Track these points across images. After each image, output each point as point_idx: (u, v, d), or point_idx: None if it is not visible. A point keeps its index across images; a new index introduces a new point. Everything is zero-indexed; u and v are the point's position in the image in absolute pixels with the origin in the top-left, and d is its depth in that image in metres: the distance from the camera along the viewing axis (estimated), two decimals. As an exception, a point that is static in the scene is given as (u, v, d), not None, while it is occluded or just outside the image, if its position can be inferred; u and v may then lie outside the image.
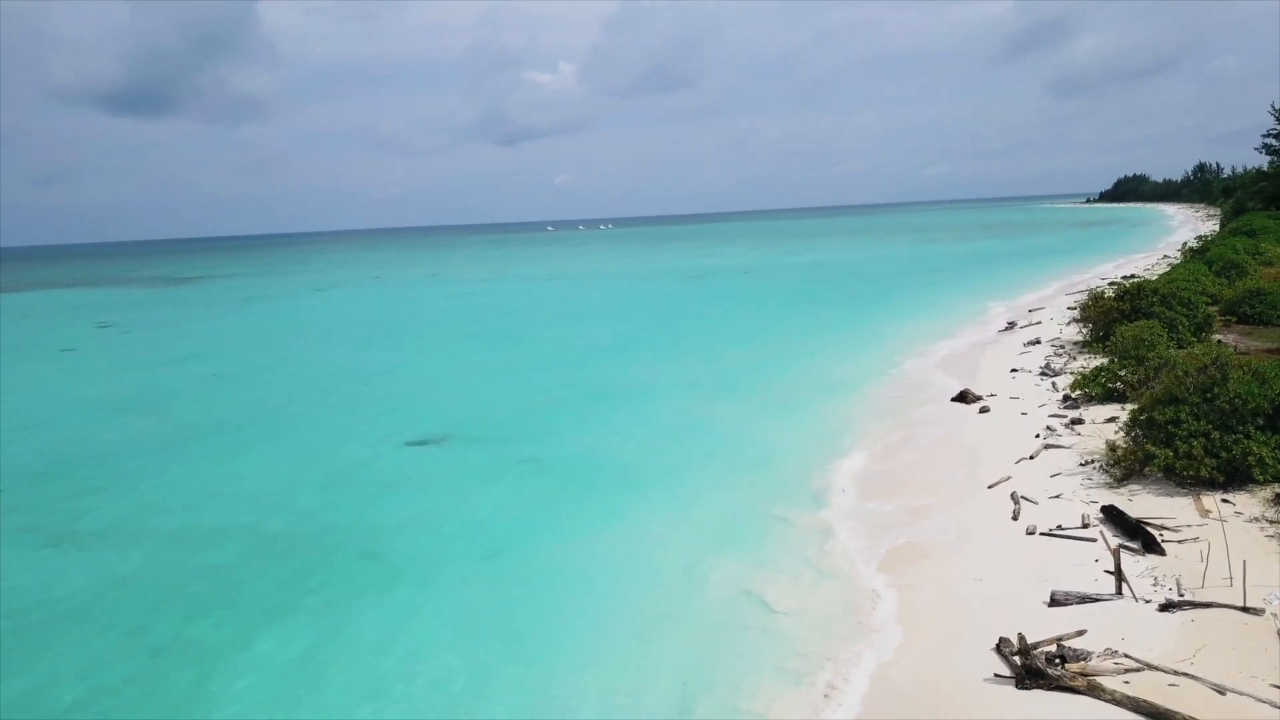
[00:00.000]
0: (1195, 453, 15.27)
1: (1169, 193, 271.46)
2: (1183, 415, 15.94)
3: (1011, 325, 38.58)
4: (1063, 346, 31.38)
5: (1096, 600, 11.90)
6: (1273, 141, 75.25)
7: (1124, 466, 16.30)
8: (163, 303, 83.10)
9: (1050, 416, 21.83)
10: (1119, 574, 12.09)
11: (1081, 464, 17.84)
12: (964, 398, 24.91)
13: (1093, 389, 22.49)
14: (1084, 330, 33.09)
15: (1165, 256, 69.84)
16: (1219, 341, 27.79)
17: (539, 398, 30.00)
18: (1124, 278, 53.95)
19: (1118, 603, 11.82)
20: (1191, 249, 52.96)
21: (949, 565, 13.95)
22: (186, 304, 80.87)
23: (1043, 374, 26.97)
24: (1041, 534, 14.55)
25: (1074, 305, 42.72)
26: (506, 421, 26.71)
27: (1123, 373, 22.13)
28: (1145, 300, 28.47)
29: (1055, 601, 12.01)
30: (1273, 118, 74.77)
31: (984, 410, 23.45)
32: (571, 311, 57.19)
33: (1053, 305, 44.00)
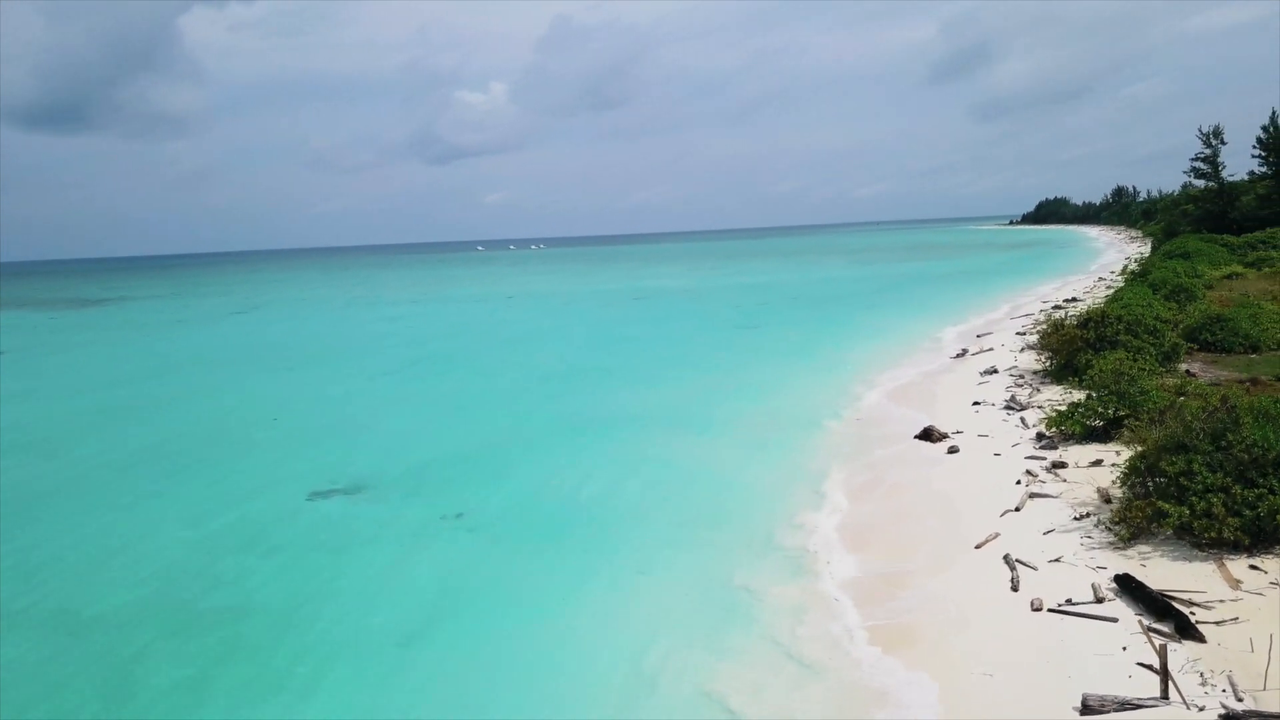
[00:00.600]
0: (1215, 511, 13.41)
1: (1089, 215, 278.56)
2: (1195, 466, 14.09)
3: (963, 353, 37.08)
4: (1022, 376, 29.82)
5: (1139, 707, 9.83)
6: (1201, 165, 76.00)
7: (1130, 525, 14.38)
8: (66, 327, 78.13)
9: (1027, 458, 20.00)
10: (1165, 673, 10.04)
11: (1076, 518, 15.92)
12: (929, 435, 23.01)
13: (1070, 427, 20.73)
14: (1043, 359, 31.64)
15: (1100, 279, 69.87)
16: (1186, 372, 26.50)
17: (470, 436, 27.39)
18: (1065, 300, 53.36)
19: (1165, 711, 9.78)
20: (1132, 272, 52.41)
21: (950, 653, 11.80)
22: (92, 328, 76.12)
23: (1008, 408, 25.26)
24: (1051, 610, 12.51)
25: (1023, 330, 41.57)
26: (433, 465, 24.04)
27: (1103, 409, 20.41)
28: (1110, 328, 27.01)
29: (1089, 709, 9.90)
30: (1200, 141, 75.52)
31: (953, 450, 21.55)
32: (507, 337, 54.50)
33: (1001, 331, 42.75)
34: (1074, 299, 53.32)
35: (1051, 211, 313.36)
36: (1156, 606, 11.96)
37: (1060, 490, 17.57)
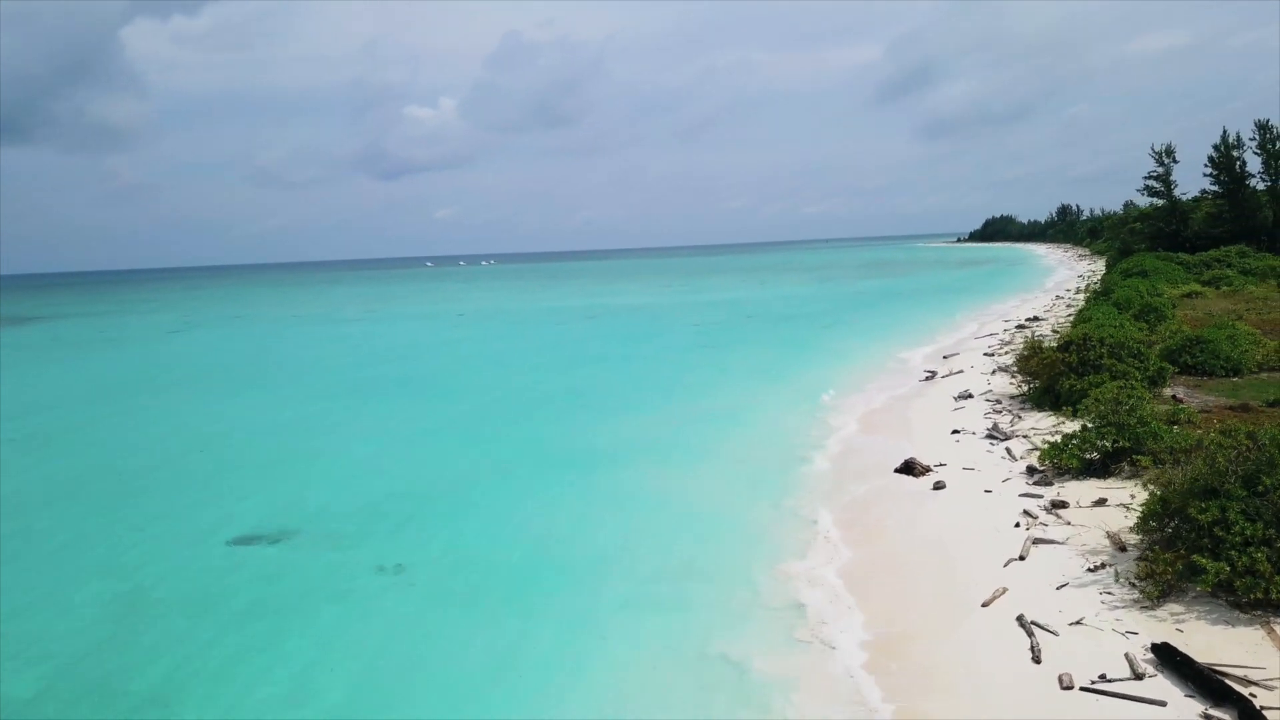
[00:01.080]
0: (1260, 568, 11.87)
1: (1035, 233, 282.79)
2: (1232, 515, 12.55)
3: (932, 375, 35.72)
4: (999, 402, 28.43)
5: (1220, 828, 8.15)
6: (1153, 183, 76.18)
7: (1159, 581, 12.78)
8: (-11, 347, 74.13)
9: (1022, 496, 18.45)
10: (1247, 785, 8.37)
11: (1090, 569, 14.32)
12: (911, 469, 21.41)
13: (1066, 460, 19.22)
14: (1018, 382, 30.33)
15: (1058, 297, 69.52)
16: (1173, 397, 25.29)
17: (414, 471, 25.25)
18: (1028, 319, 52.53)
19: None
20: (1095, 290, 51.71)
21: (975, 747, 10.06)
22: (16, 348, 72.18)
23: (991, 437, 23.77)
24: (1084, 689, 10.82)
25: (991, 351, 40.42)
26: (374, 505, 21.87)
27: (1101, 442, 18.94)
28: (1092, 352, 25.70)
29: (1158, 829, 8.20)
30: (1152, 159, 75.71)
31: (938, 486, 19.94)
32: (458, 358, 52.21)
33: (968, 352, 41.53)
34: (1036, 318, 52.53)
35: (998, 229, 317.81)
36: (1209, 686, 10.31)
37: (1066, 535, 15.98)
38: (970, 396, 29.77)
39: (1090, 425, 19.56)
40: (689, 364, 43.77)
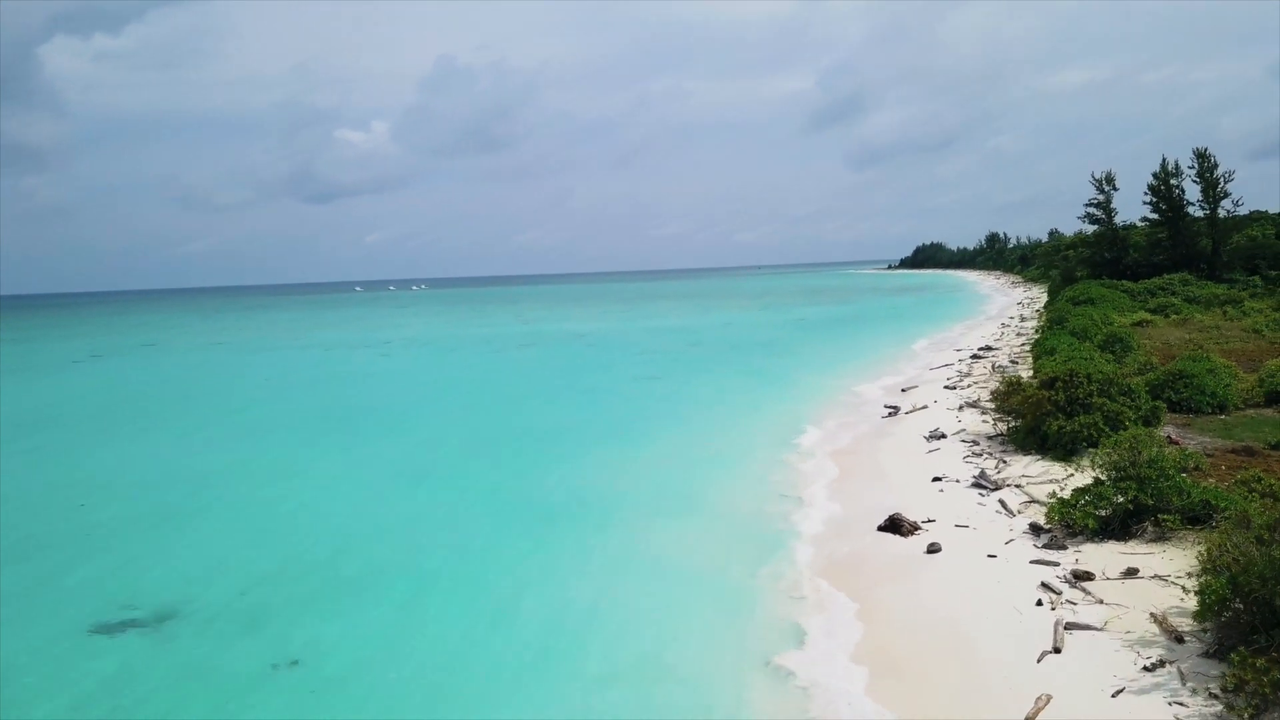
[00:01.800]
0: (1392, 683, 9.38)
1: (965, 260, 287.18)
2: (1339, 610, 10.08)
3: (895, 411, 33.41)
4: (977, 443, 26.12)
5: None
6: (1094, 210, 75.91)
7: (1254, 695, 10.23)
8: None
9: (1034, 564, 15.93)
10: None
11: (1146, 667, 11.76)
12: (897, 527, 18.82)
13: (1078, 519, 16.79)
14: (993, 420, 28.15)
15: (1004, 325, 68.48)
16: (1168, 438, 23.18)
17: (331, 529, 21.94)
18: (981, 349, 50.87)
19: None
20: (1050, 319, 50.30)
21: None
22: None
23: (979, 486, 21.32)
24: None
25: (951, 384, 38.34)
26: (275, 575, 18.55)
27: (1120, 498, 16.54)
28: (1080, 389, 23.51)
29: None
30: (1093, 187, 75.49)
31: (933, 549, 17.34)
32: (383, 393, 48.59)
33: (927, 385, 39.42)
34: (989, 347, 50.94)
35: (929, 256, 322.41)
36: None
37: (1102, 617, 13.44)
38: (943, 436, 27.42)
39: (1104, 478, 17.17)
40: (639, 398, 40.96)
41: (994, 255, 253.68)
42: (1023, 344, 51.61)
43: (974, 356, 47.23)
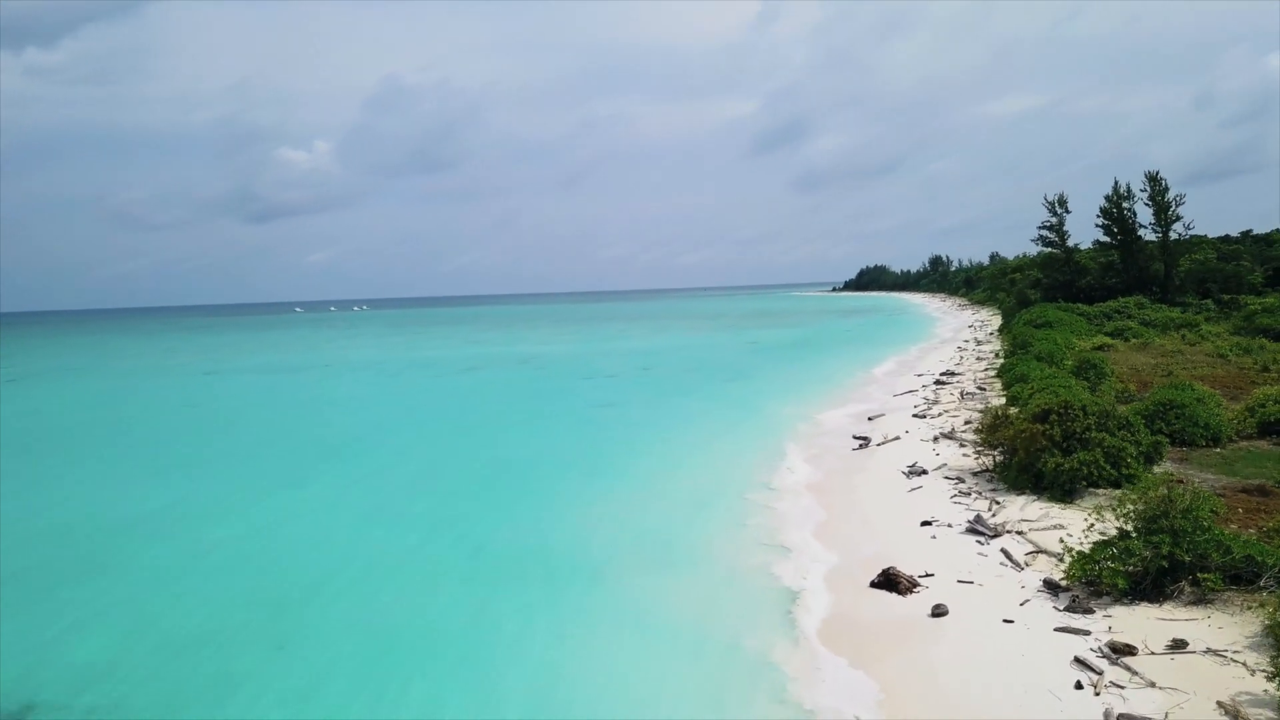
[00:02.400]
0: None
1: (908, 283, 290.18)
2: None
3: (865, 442, 31.46)
4: (961, 480, 24.17)
5: None
6: (1047, 233, 75.49)
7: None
8: None
9: (1059, 631, 13.87)
10: None
11: (1232, 778, 9.70)
12: (893, 583, 16.69)
13: (1105, 578, 14.79)
14: (975, 454, 26.32)
15: (960, 348, 67.38)
16: (1170, 476, 21.48)
17: (251, 590, 19.15)
18: (944, 374, 49.37)
19: None
20: (1012, 344, 48.99)
21: None
22: None
23: (975, 532, 19.31)
24: None
25: (920, 413, 36.55)
26: (167, 654, 15.80)
27: (1152, 555, 14.57)
28: (1077, 422, 21.69)
29: None
30: (1045, 209, 75.09)
31: (939, 612, 15.20)
32: (318, 423, 45.47)
33: (895, 413, 37.61)
34: (951, 372, 49.46)
35: (873, 279, 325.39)
36: None
37: (1160, 707, 11.37)
38: (924, 472, 25.45)
39: (1131, 529, 15.21)
40: (596, 428, 38.52)
41: (938, 278, 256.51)
42: (985, 369, 50.29)
43: (938, 382, 45.67)
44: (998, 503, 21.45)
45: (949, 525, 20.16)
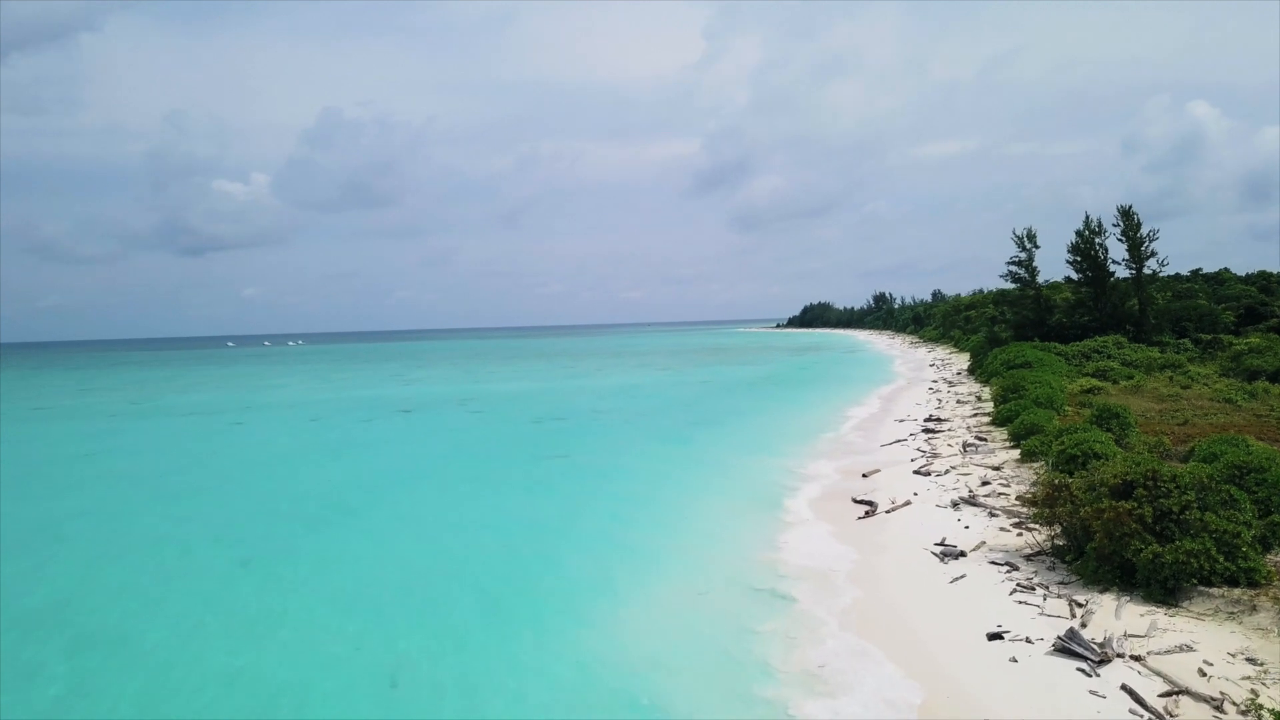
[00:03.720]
0: None
1: (852, 320, 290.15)
2: None
3: (871, 509, 26.60)
4: (1014, 567, 19.33)
5: None
6: (1016, 269, 72.30)
7: None
8: None
9: None
10: None
11: None
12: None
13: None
14: (1017, 529, 21.60)
15: (932, 389, 63.37)
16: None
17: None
18: (928, 420, 45.01)
19: None
20: (1003, 388, 44.80)
21: None
22: None
23: (1070, 652, 14.43)
24: None
25: (924, 470, 31.88)
26: None
27: None
28: (1173, 499, 17.02)
29: None
30: (1014, 244, 71.98)
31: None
32: (223, 479, 39.39)
33: (890, 468, 32.94)
34: (938, 418, 45.07)
35: (816, 315, 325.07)
36: None
37: None
38: (961, 554, 20.62)
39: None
40: (539, 487, 33.04)
41: (883, 315, 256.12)
42: (973, 413, 46.04)
43: (926, 430, 41.21)
44: (1078, 603, 16.64)
45: (1027, 640, 15.28)
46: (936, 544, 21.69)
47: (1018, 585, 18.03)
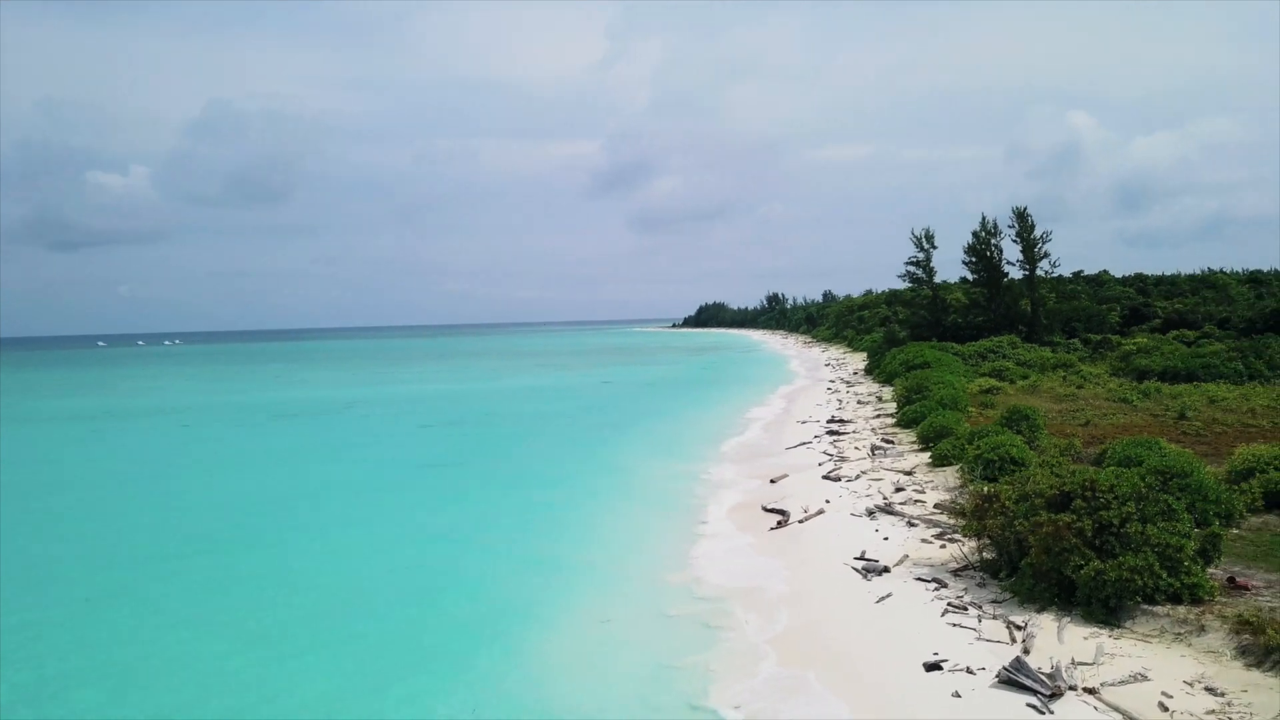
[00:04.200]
0: None
1: (747, 320, 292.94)
2: None
3: (783, 518, 25.21)
4: (941, 583, 18.04)
5: None
6: (914, 269, 72.76)
7: None
8: None
9: None
10: None
11: None
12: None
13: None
14: (940, 540, 20.41)
15: (831, 389, 63.01)
16: (1230, 580, 16.04)
17: None
18: (830, 420, 44.15)
19: None
20: (907, 389, 44.30)
21: None
22: None
23: (1016, 684, 13.05)
24: None
25: (834, 475, 30.71)
26: None
27: None
28: (1113, 511, 15.95)
29: None
30: (912, 244, 72.38)
31: None
32: (64, 504, 35.70)
33: (799, 473, 31.71)
34: (841, 419, 44.28)
35: (711, 316, 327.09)
36: None
37: None
38: (885, 570, 19.26)
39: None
40: (429, 501, 30.60)
41: (776, 315, 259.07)
42: (876, 414, 45.43)
43: (830, 432, 40.26)
44: (1016, 625, 15.38)
45: (968, 670, 13.88)
46: (857, 558, 20.33)
47: (949, 605, 16.71)
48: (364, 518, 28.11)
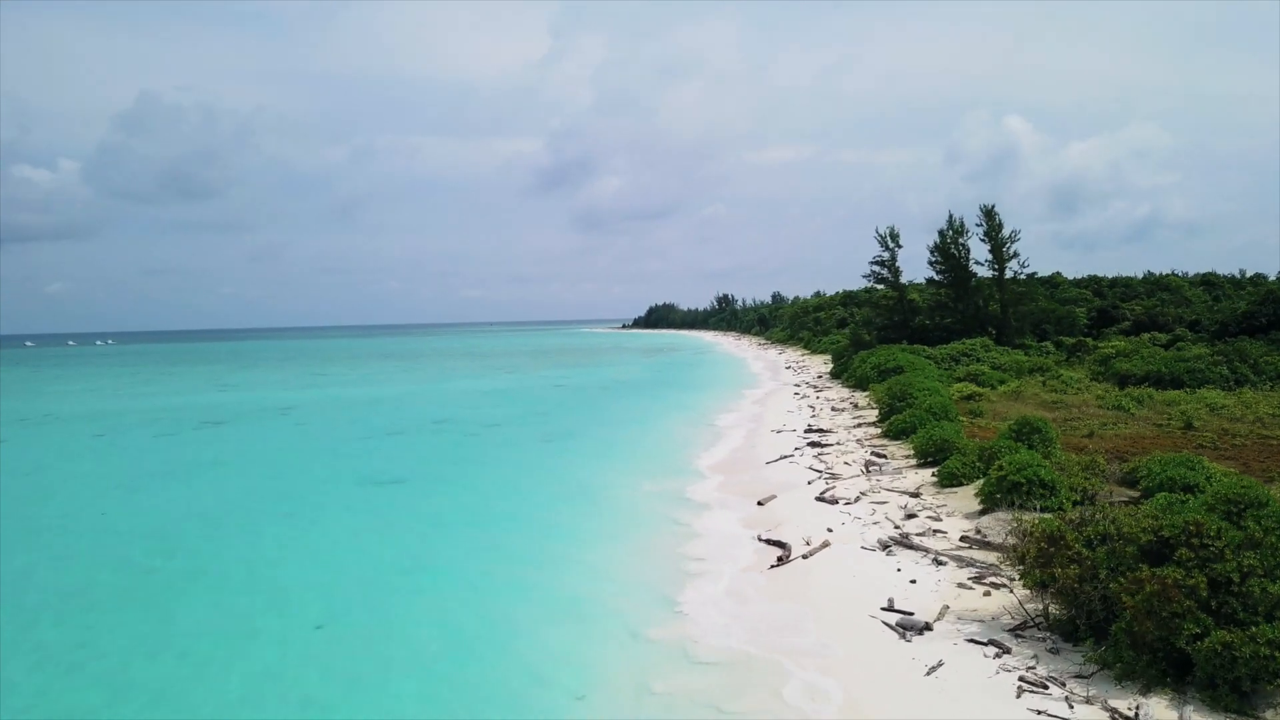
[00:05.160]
0: None
1: (697, 321, 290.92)
2: None
3: (785, 554, 21.81)
4: (1002, 648, 14.75)
5: None
6: (879, 269, 70.07)
7: None
8: None
9: None
10: None
11: None
12: None
13: None
14: (984, 586, 17.15)
15: (799, 394, 59.96)
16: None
17: None
18: (809, 431, 40.94)
19: None
20: (890, 396, 41.25)
21: None
22: None
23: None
24: None
25: (828, 495, 27.43)
26: None
27: None
28: (1229, 563, 12.75)
29: None
30: (878, 243, 69.68)
31: None
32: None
33: (788, 492, 28.37)
34: (820, 429, 41.08)
35: (661, 317, 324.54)
36: None
37: None
38: (928, 628, 15.90)
39: None
40: (372, 527, 26.51)
41: (727, 316, 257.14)
42: (856, 423, 42.35)
43: (812, 444, 37.02)
44: (1122, 715, 12.08)
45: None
46: (885, 608, 16.97)
47: (1022, 681, 13.40)
48: (292, 549, 24.09)
